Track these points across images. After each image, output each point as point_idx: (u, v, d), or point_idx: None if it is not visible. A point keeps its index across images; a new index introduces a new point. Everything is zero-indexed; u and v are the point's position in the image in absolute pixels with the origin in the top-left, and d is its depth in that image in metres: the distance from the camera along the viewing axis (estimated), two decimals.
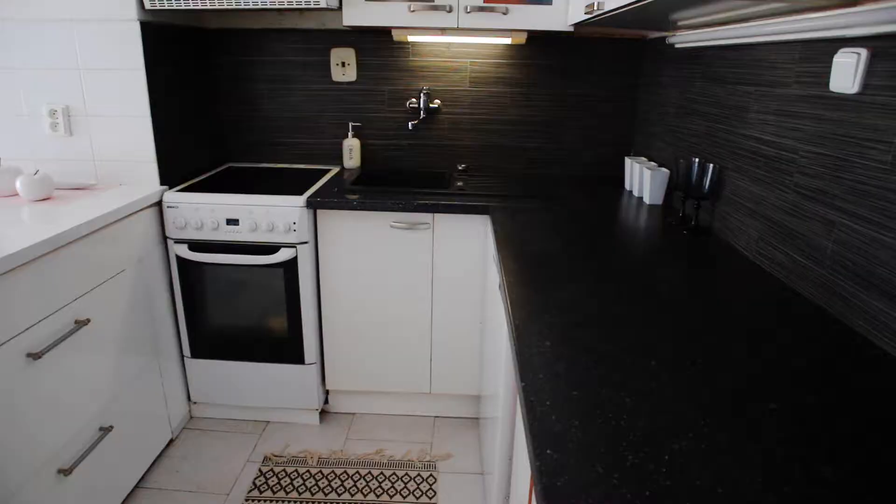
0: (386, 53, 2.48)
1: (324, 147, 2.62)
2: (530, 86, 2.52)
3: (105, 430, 1.80)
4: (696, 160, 1.76)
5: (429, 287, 2.18)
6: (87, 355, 1.72)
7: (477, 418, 2.42)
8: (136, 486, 2.04)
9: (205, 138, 2.48)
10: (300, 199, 2.03)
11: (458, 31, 2.19)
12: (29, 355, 1.48)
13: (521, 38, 2.28)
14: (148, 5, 2.00)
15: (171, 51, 2.19)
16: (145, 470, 2.08)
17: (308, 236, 2.08)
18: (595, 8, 1.58)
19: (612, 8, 1.48)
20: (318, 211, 2.10)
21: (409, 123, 2.51)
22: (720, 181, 1.73)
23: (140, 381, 2.00)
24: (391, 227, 2.10)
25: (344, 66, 2.50)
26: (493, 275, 1.86)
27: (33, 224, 1.67)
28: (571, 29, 2.12)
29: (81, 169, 2.16)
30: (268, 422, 2.40)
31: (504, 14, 2.10)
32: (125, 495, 1.95)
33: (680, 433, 0.79)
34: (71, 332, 1.62)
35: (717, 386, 0.92)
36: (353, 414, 2.46)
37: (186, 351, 2.26)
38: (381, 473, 2.12)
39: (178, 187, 2.16)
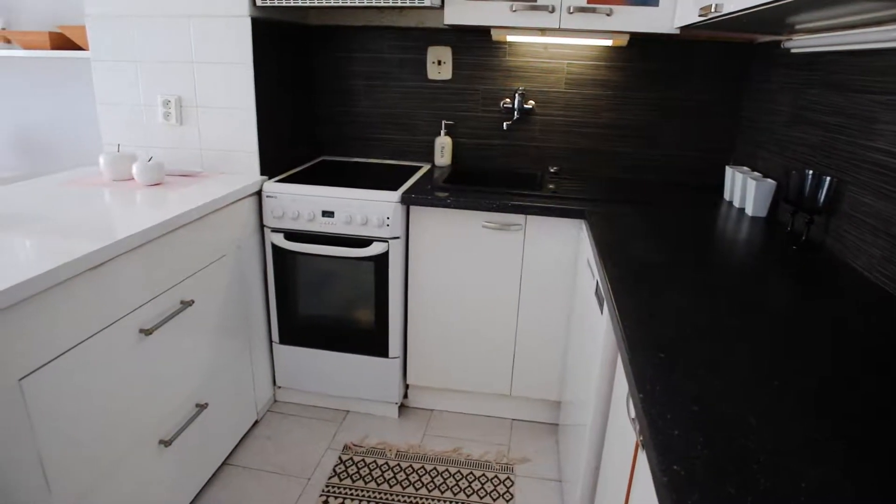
0: (482, 53, 2.48)
1: (415, 144, 2.65)
2: (627, 89, 2.46)
3: (201, 407, 1.88)
4: (810, 172, 1.66)
5: (516, 289, 2.16)
6: (189, 334, 1.80)
7: (555, 424, 2.38)
8: (224, 463, 2.13)
9: (301, 132, 2.56)
10: (395, 195, 2.06)
11: (559, 31, 2.16)
12: (141, 331, 1.56)
13: (623, 41, 2.22)
14: (259, 2, 2.07)
15: (276, 46, 2.27)
16: (232, 447, 2.16)
17: (400, 232, 2.11)
18: (713, 10, 1.52)
19: (733, 10, 1.42)
20: (411, 207, 2.12)
21: (504, 124, 2.50)
22: (837, 195, 1.64)
23: (233, 362, 2.08)
24: (483, 226, 2.10)
25: (440, 65, 2.51)
26: (585, 280, 1.82)
27: (147, 208, 1.76)
28: (677, 31, 2.05)
29: (189, 157, 2.27)
30: (347, 411, 2.45)
31: (608, 15, 2.06)
32: (214, 470, 2.03)
33: (816, 460, 0.75)
34: (177, 312, 1.70)
35: (849, 412, 0.86)
36: (431, 410, 2.47)
37: (275, 336, 2.33)
38: (459, 472, 2.12)
39: (277, 178, 2.23)
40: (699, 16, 1.66)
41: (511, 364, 2.28)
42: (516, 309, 2.20)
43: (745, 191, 2.06)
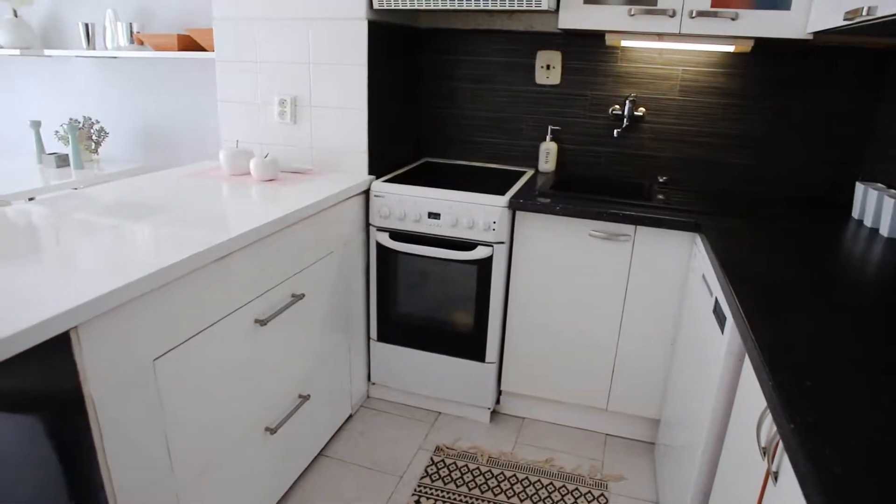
0: (593, 58, 2.43)
1: (519, 149, 2.62)
2: (746, 97, 2.33)
3: (304, 398, 1.94)
4: None
5: (620, 301, 2.10)
6: (299, 327, 1.86)
7: (651, 443, 2.29)
8: (320, 454, 2.18)
9: (405, 133, 2.59)
10: (502, 199, 2.05)
11: (679, 37, 2.08)
12: (257, 321, 1.62)
13: (747, 46, 2.11)
14: (376, 5, 2.11)
15: (387, 49, 2.30)
16: (328, 439, 2.22)
17: (505, 237, 2.09)
18: (863, 13, 1.41)
19: (889, 13, 1.31)
20: (517, 212, 2.10)
21: (614, 131, 2.43)
22: None
23: (333, 356, 2.13)
24: (590, 235, 2.05)
25: (548, 69, 2.48)
26: (699, 297, 1.74)
27: (264, 203, 1.83)
28: (810, 37, 1.92)
29: (299, 154, 2.34)
30: (439, 412, 2.45)
31: (733, 20, 1.96)
32: (310, 460, 2.09)
33: None
34: (289, 305, 1.76)
35: None
36: (523, 418, 2.44)
37: (373, 333, 2.37)
38: (551, 483, 2.07)
39: (384, 178, 2.27)
40: (844, 20, 1.54)
41: (609, 378, 2.21)
42: (619, 321, 2.13)
43: (881, 210, 1.90)
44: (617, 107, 2.45)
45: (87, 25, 3.00)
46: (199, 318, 1.41)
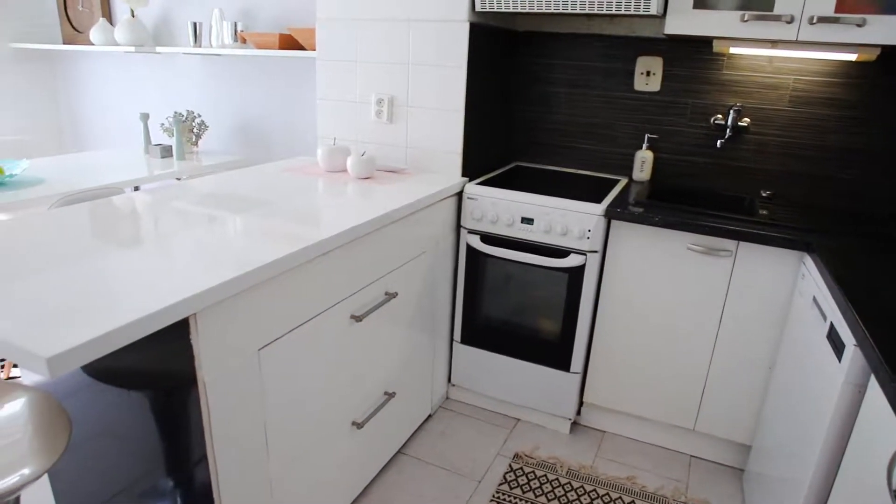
0: (697, 65, 2.34)
1: (612, 156, 2.56)
2: (864, 109, 2.19)
3: (389, 396, 1.95)
4: None
5: (716, 319, 2.01)
6: (390, 325, 1.88)
7: (741, 469, 2.19)
8: (399, 451, 2.20)
9: (498, 135, 2.58)
10: (598, 208, 2.00)
11: (796, 44, 1.98)
12: (352, 317, 1.65)
13: (872, 55, 1.98)
14: (479, 7, 2.11)
15: (485, 51, 2.30)
16: (407, 438, 2.23)
17: (599, 245, 2.05)
18: None
19: None
20: (613, 221, 2.05)
21: (717, 141, 2.34)
22: None
23: (418, 356, 2.14)
24: (688, 248, 1.97)
25: (648, 76, 2.41)
26: (809, 321, 1.64)
27: (361, 200, 1.86)
28: None
29: (394, 153, 2.37)
30: (518, 419, 2.43)
31: (859, 26, 1.84)
32: (390, 457, 2.11)
33: None
34: (383, 303, 1.78)
35: None
36: (604, 432, 2.38)
37: (457, 335, 2.37)
38: (633, 502, 2.01)
39: (477, 181, 2.26)
40: None
41: (699, 398, 2.13)
42: (713, 340, 2.04)
43: None
44: (720, 116, 2.35)
45: (195, 24, 3.14)
46: (302, 311, 1.44)
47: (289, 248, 1.35)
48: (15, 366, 2.61)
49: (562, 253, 2.08)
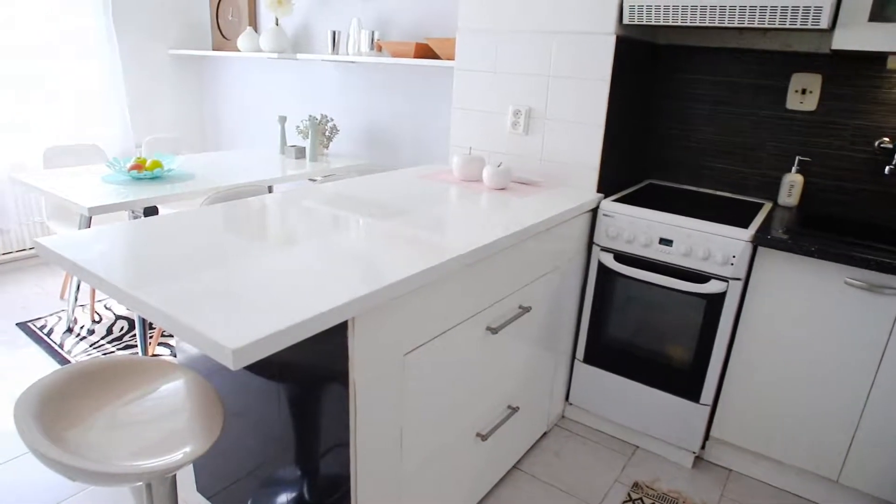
0: (863, 82, 2.16)
1: (756, 178, 2.42)
2: None
3: (513, 410, 1.93)
4: None
5: (875, 362, 1.84)
6: (521, 339, 1.86)
7: None
8: (514, 466, 2.17)
9: (633, 151, 2.50)
10: (745, 233, 1.89)
11: None
12: (488, 329, 1.65)
13: None
14: (626, 20, 2.05)
15: (628, 64, 2.23)
16: (523, 454, 2.20)
17: (742, 273, 1.93)
18: None
19: None
20: (759, 248, 1.92)
21: (886, 168, 2.15)
22: None
23: (540, 371, 2.11)
24: (845, 283, 1.82)
25: (803, 94, 2.25)
26: None
27: (498, 212, 1.85)
28: None
29: (528, 165, 2.36)
30: (637, 447, 2.33)
31: None
32: (505, 471, 2.08)
33: None
34: (516, 316, 1.76)
35: None
36: (730, 470, 2.24)
37: (579, 354, 2.32)
38: None
39: (613, 197, 2.20)
40: None
41: (846, 447, 1.95)
42: (869, 386, 1.87)
43: None
44: (886, 140, 2.16)
45: (334, 33, 3.28)
46: (445, 320, 1.45)
47: (438, 258, 1.36)
48: (160, 344, 2.82)
49: (701, 278, 1.98)
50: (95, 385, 1.36)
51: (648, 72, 2.48)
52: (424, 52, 2.91)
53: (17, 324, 3.03)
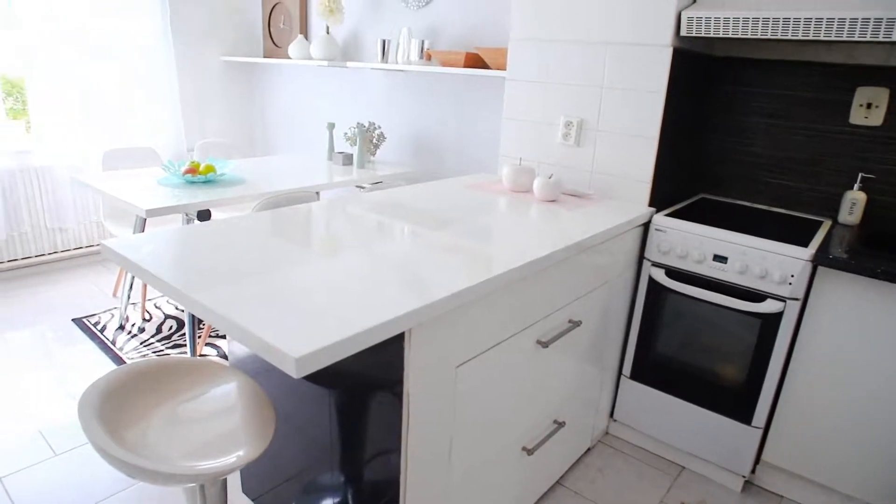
0: None
1: (812, 195, 2.34)
2: None
3: (559, 425, 1.91)
4: None
5: None
6: (569, 353, 1.84)
7: None
8: (557, 482, 2.14)
9: (685, 165, 2.45)
10: (805, 252, 1.83)
11: None
12: (539, 342, 1.63)
13: None
14: (684, 31, 2.02)
15: (684, 77, 2.19)
16: (566, 469, 2.17)
17: (801, 293, 1.87)
18: None
19: None
20: (819, 268, 1.86)
21: None
22: None
23: (586, 386, 2.08)
24: None
25: (868, 108, 2.18)
26: None
27: (549, 225, 1.83)
28: None
29: (578, 177, 2.33)
30: (683, 467, 2.28)
31: None
32: (549, 487, 2.05)
33: None
34: (566, 331, 1.74)
35: None
36: (782, 497, 2.16)
37: (626, 370, 2.28)
38: None
39: (665, 212, 2.17)
40: None
41: None
42: None
43: None
44: None
45: (384, 42, 3.31)
46: (496, 333, 1.44)
47: (492, 271, 1.36)
48: (207, 344, 2.88)
49: (757, 297, 1.92)
50: (150, 385, 1.39)
51: (703, 84, 2.43)
52: (474, 61, 2.92)
53: (72, 319, 3.13)
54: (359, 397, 1.36)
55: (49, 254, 3.74)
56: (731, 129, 2.47)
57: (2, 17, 3.26)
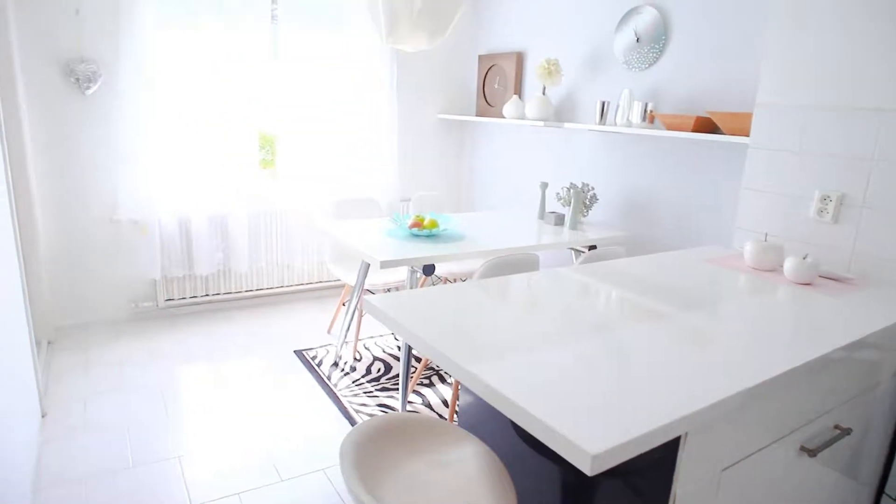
0: None
1: None
2: None
3: None
4: None
5: None
6: (833, 464, 1.60)
7: None
8: None
9: None
10: None
11: None
12: (803, 449, 1.44)
13: None
14: None
15: None
16: None
17: None
18: None
19: None
20: None
21: None
22: None
23: (841, 502, 1.79)
24: None
25: None
26: None
27: (813, 314, 1.63)
28: None
29: (833, 258, 2.08)
30: None
31: None
32: None
33: None
34: (834, 439, 1.52)
35: None
36: None
37: (891, 489, 1.94)
38: None
39: None
40: None
41: None
42: None
43: None
44: None
45: (603, 103, 3.29)
46: (763, 434, 1.29)
47: (767, 369, 1.22)
48: (414, 391, 2.97)
49: None
50: (393, 441, 1.43)
51: None
52: (704, 125, 2.77)
53: (294, 350, 3.41)
54: (611, 489, 1.28)
55: (277, 287, 4.16)
56: None
57: (268, 86, 3.76)
